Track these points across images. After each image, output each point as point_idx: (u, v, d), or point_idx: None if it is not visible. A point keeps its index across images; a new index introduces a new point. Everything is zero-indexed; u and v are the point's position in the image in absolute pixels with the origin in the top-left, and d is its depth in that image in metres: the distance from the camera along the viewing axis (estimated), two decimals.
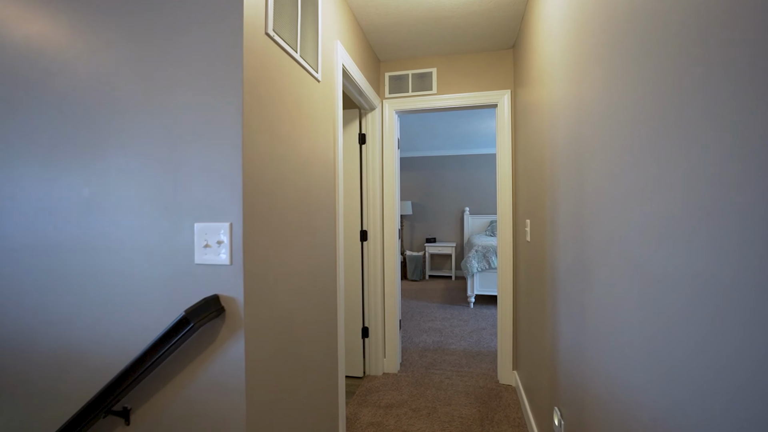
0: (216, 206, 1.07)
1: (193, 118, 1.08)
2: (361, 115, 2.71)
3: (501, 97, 2.52)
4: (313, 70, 1.52)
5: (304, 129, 1.44)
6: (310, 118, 1.50)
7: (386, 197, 2.73)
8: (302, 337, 1.40)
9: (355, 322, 2.66)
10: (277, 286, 1.21)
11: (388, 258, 2.72)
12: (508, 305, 2.52)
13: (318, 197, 1.58)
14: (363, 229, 2.70)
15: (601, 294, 0.97)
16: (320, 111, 1.61)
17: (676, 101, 0.62)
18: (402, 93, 2.70)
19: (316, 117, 1.57)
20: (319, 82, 1.61)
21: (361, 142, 2.69)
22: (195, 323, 1.00)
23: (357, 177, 2.66)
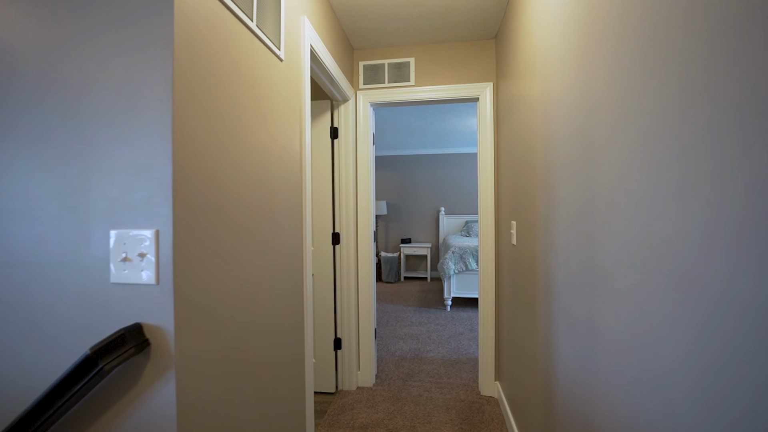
0: (138, 207, 0.82)
1: (109, 92, 0.82)
2: (333, 107, 2.48)
3: (483, 90, 2.37)
4: (274, 46, 1.28)
5: (262, 115, 1.20)
6: (270, 103, 1.26)
7: (361, 197, 2.51)
8: (260, 362, 1.17)
9: (326, 334, 2.43)
10: (222, 308, 0.97)
11: (363, 262, 2.51)
12: (489, 312, 2.38)
13: (281, 197, 1.35)
14: (335, 232, 2.47)
15: (624, 314, 0.80)
16: (283, 96, 1.38)
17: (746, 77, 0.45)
18: (378, 84, 2.49)
19: (279, 102, 1.33)
20: (282, 62, 1.37)
21: (333, 137, 2.46)
22: (106, 364, 0.75)
23: (328, 175, 2.42)
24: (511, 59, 1.95)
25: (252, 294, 1.12)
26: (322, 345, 2.44)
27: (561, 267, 1.20)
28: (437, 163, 6.46)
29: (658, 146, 0.66)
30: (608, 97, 0.86)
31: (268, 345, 1.23)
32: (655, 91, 0.67)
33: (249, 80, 1.12)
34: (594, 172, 0.93)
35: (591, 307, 0.96)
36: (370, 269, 2.52)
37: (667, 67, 0.64)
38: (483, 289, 2.39)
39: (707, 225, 0.54)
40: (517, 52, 1.81)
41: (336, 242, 2.46)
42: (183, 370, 0.82)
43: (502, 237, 2.27)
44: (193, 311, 0.86)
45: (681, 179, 0.60)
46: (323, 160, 2.42)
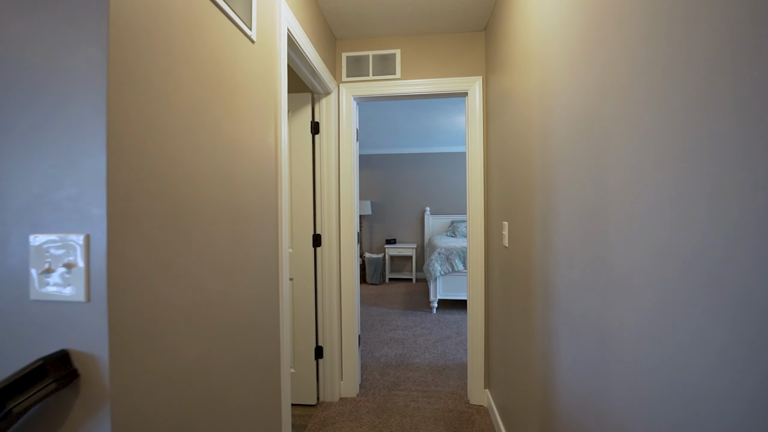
0: (65, 207, 0.66)
1: (27, 61, 0.66)
2: (314, 101, 2.33)
3: (472, 85, 2.27)
4: (244, 25, 1.13)
5: (228, 102, 1.05)
6: (239, 90, 1.11)
7: (344, 196, 2.37)
8: (227, 386, 1.02)
9: (306, 342, 2.28)
10: (176, 328, 0.82)
11: (346, 265, 2.37)
12: (478, 317, 2.28)
13: (252, 195, 1.20)
14: (316, 234, 2.32)
15: (647, 326, 0.69)
16: (256, 82, 1.23)
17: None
18: (361, 77, 2.36)
19: (250, 90, 1.18)
20: (254, 44, 1.22)
21: (314, 132, 2.31)
22: (15, 405, 0.59)
23: (309, 172, 2.27)
24: (503, 52, 1.85)
25: (215, 307, 0.97)
26: (302, 354, 2.28)
27: (563, 271, 1.10)
28: (423, 162, 6.36)
29: (690, 135, 0.56)
30: (625, 79, 0.75)
31: (237, 364, 1.07)
32: (686, 70, 0.57)
33: (213, 62, 0.97)
34: (607, 168, 0.83)
35: (602, 316, 0.86)
36: (353, 273, 2.38)
37: (702, 35, 0.53)
38: (472, 292, 2.29)
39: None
40: (510, 43, 1.70)
41: (317, 244, 2.31)
42: (121, 407, 0.67)
43: (492, 238, 2.17)
44: (135, 334, 0.70)
45: (724, 173, 0.49)
46: (303, 156, 2.27)
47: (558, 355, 1.14)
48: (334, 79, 2.32)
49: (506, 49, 1.78)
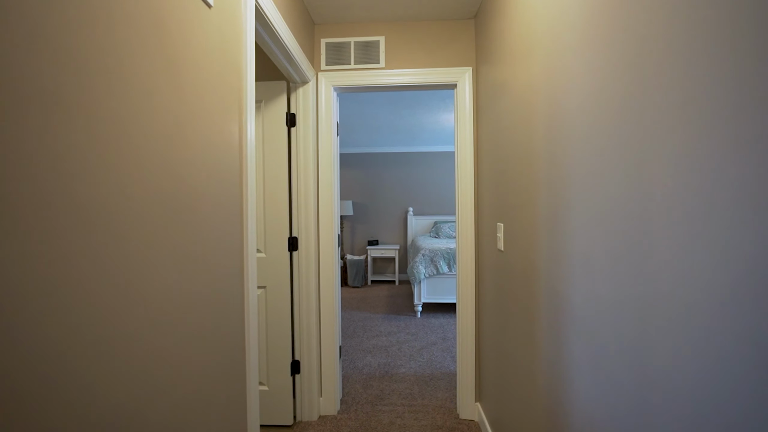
0: None
1: None
2: (291, 90, 2.12)
3: (461, 76, 2.11)
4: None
5: (171, 76, 0.83)
6: (188, 63, 0.90)
7: (323, 195, 2.17)
8: (173, 424, 0.80)
9: (281, 357, 2.06)
10: (88, 368, 0.60)
11: (326, 271, 2.17)
12: (469, 325, 2.12)
13: (207, 192, 0.98)
14: (292, 236, 2.11)
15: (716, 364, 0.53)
16: (215, 57, 1.02)
17: None
18: (342, 65, 2.16)
19: (204, 64, 0.97)
20: (211, 8, 1.01)
21: (289, 124, 2.10)
22: None
23: (284, 169, 2.06)
24: (496, 40, 1.69)
25: (158, 337, 0.76)
26: (276, 370, 2.06)
27: (578, 282, 0.94)
28: (406, 161, 6.20)
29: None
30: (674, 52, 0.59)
31: (185, 397, 0.86)
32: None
33: (151, 22, 0.76)
34: (650, 158, 0.67)
35: (641, 342, 0.70)
36: (333, 279, 2.18)
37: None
38: (462, 300, 2.13)
39: None
40: (505, 33, 1.55)
41: (293, 248, 2.10)
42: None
43: (484, 241, 2.02)
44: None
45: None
46: (277, 151, 2.06)
47: (571, 377, 0.98)
48: (312, 68, 2.12)
49: (500, 38, 1.63)
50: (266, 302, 2.05)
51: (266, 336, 2.06)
